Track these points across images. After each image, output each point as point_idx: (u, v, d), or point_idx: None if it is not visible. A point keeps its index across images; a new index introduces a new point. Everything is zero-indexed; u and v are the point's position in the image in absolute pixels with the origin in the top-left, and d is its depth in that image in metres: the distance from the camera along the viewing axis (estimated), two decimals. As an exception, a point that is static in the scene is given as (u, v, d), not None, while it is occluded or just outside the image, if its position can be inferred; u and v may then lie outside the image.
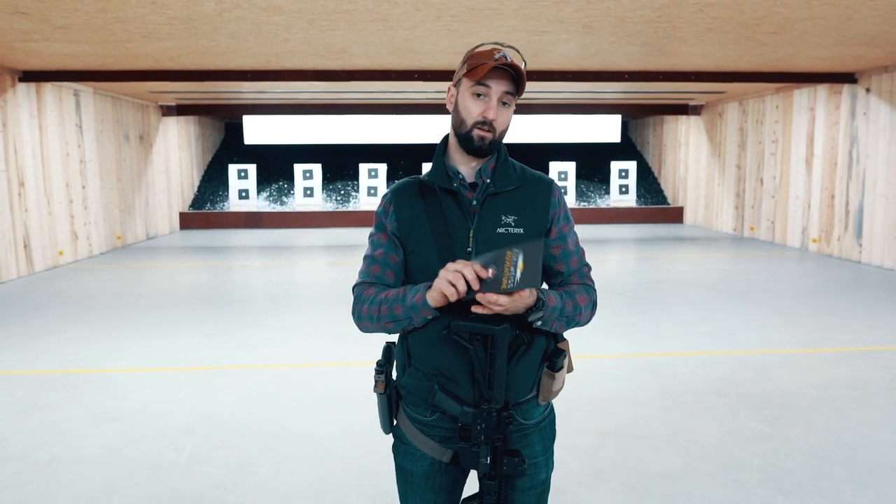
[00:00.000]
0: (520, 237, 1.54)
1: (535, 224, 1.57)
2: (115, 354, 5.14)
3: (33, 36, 6.28)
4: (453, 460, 1.58)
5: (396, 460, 1.66)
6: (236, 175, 14.89)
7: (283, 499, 2.94)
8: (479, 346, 1.45)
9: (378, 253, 1.61)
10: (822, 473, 3.10)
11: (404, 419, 1.63)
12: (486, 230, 1.53)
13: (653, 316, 6.21)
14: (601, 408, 3.94)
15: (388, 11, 5.49)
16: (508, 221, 1.54)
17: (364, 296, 1.58)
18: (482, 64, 1.48)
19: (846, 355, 4.95)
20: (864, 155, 9.16)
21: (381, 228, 1.62)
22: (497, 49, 1.51)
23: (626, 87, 10.91)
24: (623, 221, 15.00)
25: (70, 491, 3.02)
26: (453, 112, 1.58)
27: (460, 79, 1.55)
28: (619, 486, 3.00)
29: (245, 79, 8.74)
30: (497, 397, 1.47)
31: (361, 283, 1.62)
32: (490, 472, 1.48)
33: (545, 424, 1.65)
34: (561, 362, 1.57)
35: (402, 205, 1.59)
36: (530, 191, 1.60)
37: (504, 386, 1.47)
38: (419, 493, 1.62)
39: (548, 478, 1.65)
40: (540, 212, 1.59)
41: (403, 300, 1.50)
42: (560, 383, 1.59)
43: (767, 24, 6.05)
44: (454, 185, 1.56)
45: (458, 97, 1.56)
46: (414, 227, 1.57)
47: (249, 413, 3.92)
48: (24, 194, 8.59)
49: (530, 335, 1.55)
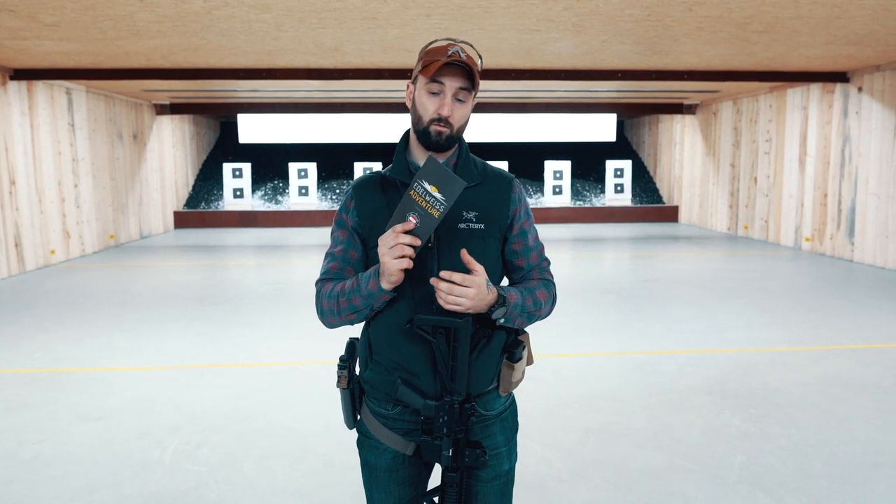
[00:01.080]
0: (481, 232, 1.56)
1: (496, 220, 1.59)
2: (104, 353, 5.13)
3: (22, 34, 6.27)
4: (416, 453, 1.59)
5: (361, 454, 1.67)
6: (231, 174, 14.88)
7: (265, 496, 2.94)
8: (441, 339, 1.47)
9: (338, 250, 1.62)
10: (803, 470, 3.11)
11: (367, 413, 1.64)
12: (448, 225, 1.53)
13: (643, 314, 6.22)
14: (586, 405, 3.95)
15: (377, 9, 5.49)
16: (470, 217, 1.55)
17: (322, 292, 1.59)
18: (435, 61, 1.48)
19: (833, 353, 4.96)
20: (857, 154, 9.18)
21: (342, 225, 1.62)
22: (451, 45, 1.50)
23: (620, 85, 10.92)
24: (618, 220, 15.01)
25: (52, 489, 3.02)
26: (412, 109, 1.58)
27: (416, 76, 1.54)
28: (600, 483, 3.01)
29: (238, 77, 8.73)
30: (459, 390, 1.49)
31: (321, 279, 1.63)
32: (452, 465, 1.49)
33: (506, 415, 1.67)
34: (520, 353, 1.59)
35: (363, 200, 1.60)
36: (491, 187, 1.61)
37: (466, 378, 1.49)
38: (383, 486, 1.63)
39: (511, 468, 1.66)
40: (501, 208, 1.61)
41: (359, 290, 1.51)
42: (519, 374, 1.62)
43: (757, 22, 6.06)
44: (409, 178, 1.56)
45: (416, 94, 1.56)
46: (375, 221, 1.57)
47: (235, 411, 3.92)
48: (15, 193, 8.57)
49: (491, 329, 1.57)
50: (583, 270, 9.06)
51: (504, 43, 6.97)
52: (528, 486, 2.98)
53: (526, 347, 1.63)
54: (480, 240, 1.57)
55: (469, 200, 1.56)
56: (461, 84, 1.50)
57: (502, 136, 15.31)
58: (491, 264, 1.58)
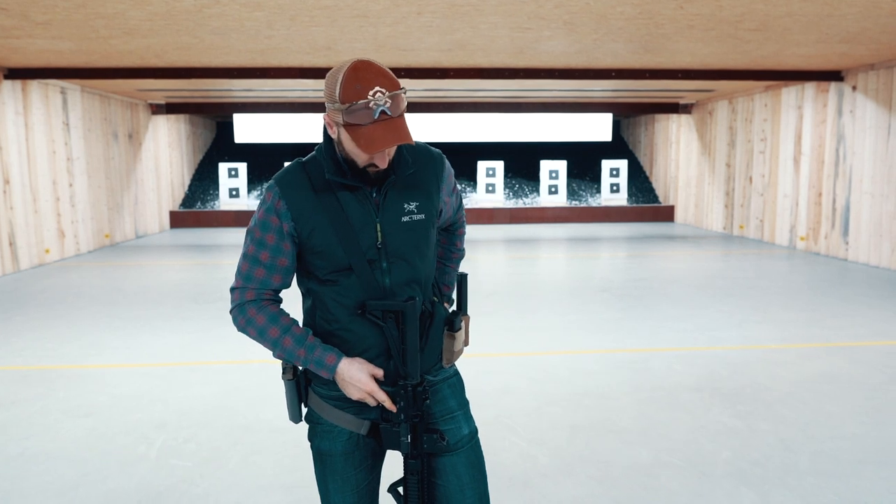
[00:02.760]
0: (423, 222, 1.58)
1: (431, 205, 1.61)
2: (94, 351, 5.13)
3: (14, 32, 6.27)
4: (370, 432, 1.60)
5: (313, 445, 1.65)
6: (227, 174, 14.87)
7: (250, 490, 2.94)
8: (391, 324, 1.50)
9: (263, 255, 1.54)
10: (788, 465, 3.11)
11: (316, 399, 1.62)
12: (391, 222, 1.54)
13: (635, 313, 6.22)
14: (575, 403, 3.95)
15: (368, 7, 5.49)
16: (411, 209, 1.56)
17: (253, 321, 1.55)
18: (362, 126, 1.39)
19: (824, 351, 4.96)
20: (851, 153, 9.19)
21: (268, 228, 1.53)
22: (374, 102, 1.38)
23: (615, 85, 10.92)
24: (614, 220, 15.01)
25: (37, 484, 3.02)
26: (337, 143, 1.51)
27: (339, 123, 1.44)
28: (585, 479, 3.01)
29: (231, 76, 8.73)
30: (412, 373, 1.50)
31: (244, 287, 1.57)
32: (412, 452, 1.50)
33: (454, 381, 1.70)
34: (459, 323, 1.65)
35: (295, 201, 1.52)
36: (424, 170, 1.61)
37: (418, 361, 1.52)
38: (339, 472, 1.61)
39: (473, 434, 1.66)
40: (435, 190, 1.62)
41: (312, 350, 1.52)
42: (460, 344, 1.66)
43: (748, 20, 6.06)
44: (349, 181, 1.51)
45: (341, 137, 1.47)
46: (313, 224, 1.51)
47: (223, 407, 3.91)
48: (9, 192, 8.57)
49: (431, 305, 1.63)
50: (577, 270, 9.07)
51: (496, 41, 6.97)
52: (513, 481, 2.98)
53: (464, 323, 1.68)
54: (424, 230, 1.59)
55: (407, 192, 1.56)
56: None
57: (497, 136, 15.32)
58: (431, 250, 1.64)
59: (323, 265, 1.54)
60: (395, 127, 1.40)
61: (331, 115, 1.46)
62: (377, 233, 1.52)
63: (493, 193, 15.15)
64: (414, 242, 1.56)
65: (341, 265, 1.52)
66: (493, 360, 4.81)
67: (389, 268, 1.54)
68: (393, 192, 1.55)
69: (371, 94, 1.37)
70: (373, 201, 1.54)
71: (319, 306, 1.58)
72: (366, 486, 1.65)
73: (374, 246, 1.52)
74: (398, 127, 1.40)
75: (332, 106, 1.43)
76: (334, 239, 1.50)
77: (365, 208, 1.53)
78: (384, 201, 1.54)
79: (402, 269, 1.55)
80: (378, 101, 1.37)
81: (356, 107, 1.38)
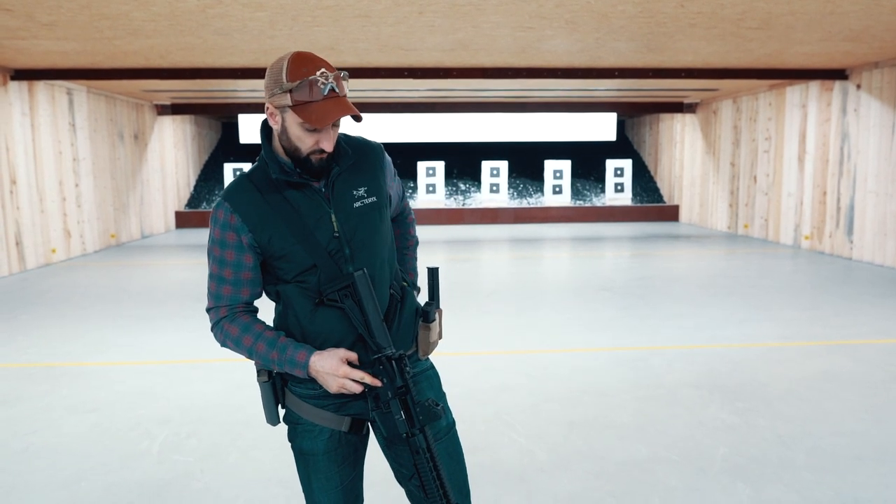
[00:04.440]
0: (374, 204, 1.61)
1: (380, 188, 1.65)
2: (99, 348, 5.18)
3: (20, 33, 6.33)
4: (352, 428, 1.62)
5: (294, 445, 1.66)
6: (232, 174, 14.94)
7: (249, 484, 2.97)
8: (349, 302, 1.51)
9: (227, 273, 1.57)
10: (785, 461, 3.12)
11: (295, 400, 1.62)
12: (345, 209, 1.57)
13: (636, 311, 6.23)
14: (573, 400, 3.96)
15: (370, 7, 5.52)
16: (361, 194, 1.60)
17: (228, 333, 1.59)
18: (311, 103, 1.43)
19: (825, 349, 4.96)
20: (855, 151, 9.16)
21: (226, 245, 1.55)
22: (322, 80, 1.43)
23: (619, 84, 10.92)
24: (618, 220, 15.00)
25: (40, 478, 3.06)
26: (280, 134, 1.52)
27: (284, 106, 1.46)
28: (582, 474, 3.02)
29: (236, 77, 8.78)
30: (382, 344, 1.52)
31: (216, 307, 1.60)
32: (410, 430, 1.49)
33: (430, 373, 1.74)
34: (433, 315, 1.68)
35: (248, 212, 1.53)
36: (366, 159, 1.65)
37: (384, 330, 1.53)
38: (322, 470, 1.62)
39: (451, 426, 1.69)
40: (379, 175, 1.66)
41: (284, 350, 1.53)
42: (435, 335, 1.70)
43: (750, 18, 6.06)
44: (295, 179, 1.53)
45: (286, 124, 1.48)
46: (270, 231, 1.53)
47: (224, 403, 3.95)
48: (15, 192, 8.64)
49: (401, 290, 1.66)
50: (579, 269, 9.07)
51: (498, 41, 6.99)
52: (509, 476, 3.00)
53: (438, 315, 1.71)
54: (377, 212, 1.62)
55: (354, 179, 1.60)
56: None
57: (501, 136, 15.33)
58: (388, 232, 1.66)
59: (288, 268, 1.56)
60: (342, 103, 1.45)
61: (274, 101, 1.47)
62: (332, 223, 1.55)
63: (497, 193, 15.17)
64: (370, 225, 1.59)
65: (305, 265, 1.54)
66: (492, 357, 4.82)
67: (352, 254, 1.56)
68: (339, 182, 1.58)
69: (318, 73, 1.43)
70: (322, 195, 1.57)
71: (289, 306, 1.60)
72: (349, 482, 1.66)
73: (332, 237, 1.54)
74: (345, 103, 1.46)
75: (278, 90, 1.45)
76: (293, 240, 1.53)
77: (316, 202, 1.55)
78: (333, 192, 1.57)
79: (363, 254, 1.57)
80: (325, 80, 1.43)
81: (304, 83, 1.43)
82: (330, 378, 1.50)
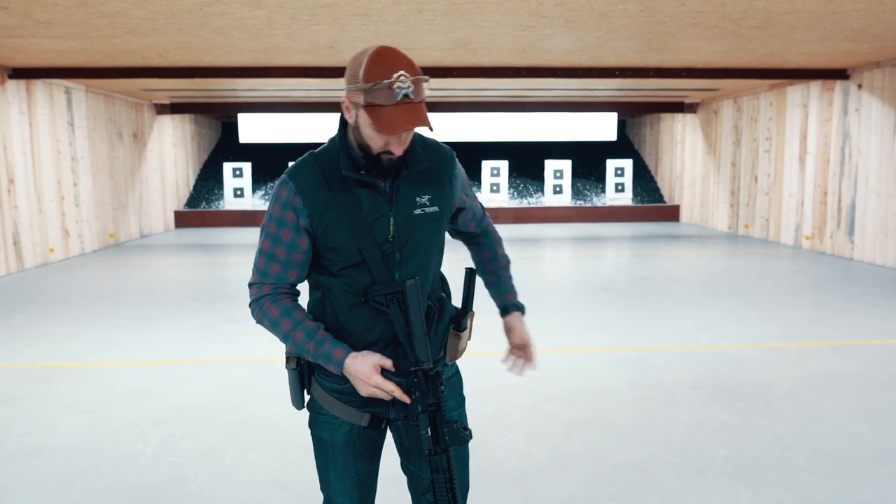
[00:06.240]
0: (435, 215, 1.58)
1: (446, 199, 1.62)
2: (96, 348, 5.15)
3: (17, 31, 6.30)
4: (371, 423, 1.62)
5: (314, 433, 1.67)
6: (231, 173, 14.91)
7: (244, 487, 2.94)
8: (395, 308, 1.48)
9: (279, 251, 1.55)
10: (785, 463, 3.09)
11: (319, 391, 1.64)
12: (404, 214, 1.55)
13: (636, 312, 6.20)
14: (573, 400, 3.93)
15: (369, 6, 5.49)
16: (423, 201, 1.57)
17: (268, 313, 1.57)
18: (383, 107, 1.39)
19: (825, 349, 4.93)
20: (857, 151, 9.13)
21: (284, 224, 1.53)
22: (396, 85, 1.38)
23: (620, 84, 10.89)
24: (619, 220, 14.97)
25: (34, 479, 3.03)
26: (354, 129, 1.50)
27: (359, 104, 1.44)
28: (581, 475, 2.99)
29: (234, 75, 8.75)
30: (422, 356, 1.47)
31: (261, 283, 1.59)
32: (435, 448, 1.46)
33: (455, 381, 1.72)
34: (465, 323, 1.65)
35: (310, 196, 1.52)
36: (436, 166, 1.62)
37: (426, 344, 1.48)
38: (340, 461, 1.64)
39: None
40: (447, 185, 1.63)
41: (321, 343, 1.51)
42: (464, 343, 1.68)
43: (751, 18, 6.03)
44: (363, 175, 1.52)
45: (359, 121, 1.47)
46: (328, 220, 1.52)
47: (221, 404, 3.92)
48: (13, 191, 8.61)
49: (439, 302, 1.64)
50: (579, 269, 9.05)
51: (498, 40, 6.96)
52: (509, 478, 2.98)
53: (470, 321, 1.68)
54: (436, 223, 1.60)
55: (420, 185, 1.58)
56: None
57: (502, 136, 15.30)
58: (441, 241, 1.65)
59: (337, 259, 1.54)
60: (415, 111, 1.41)
61: (351, 96, 1.45)
62: (389, 226, 1.53)
63: (497, 193, 15.14)
64: (426, 234, 1.57)
65: (355, 260, 1.53)
66: (491, 357, 4.78)
67: (402, 260, 1.55)
68: (405, 186, 1.56)
69: (395, 75, 1.38)
70: (386, 196, 1.54)
71: (329, 298, 1.58)
72: (365, 474, 1.67)
73: (386, 239, 1.53)
74: (418, 111, 1.41)
75: (354, 86, 1.42)
76: (348, 234, 1.51)
77: (378, 202, 1.53)
78: (396, 195, 1.55)
79: (413, 261, 1.55)
80: (402, 84, 1.38)
81: (380, 86, 1.39)
82: (361, 384, 1.48)
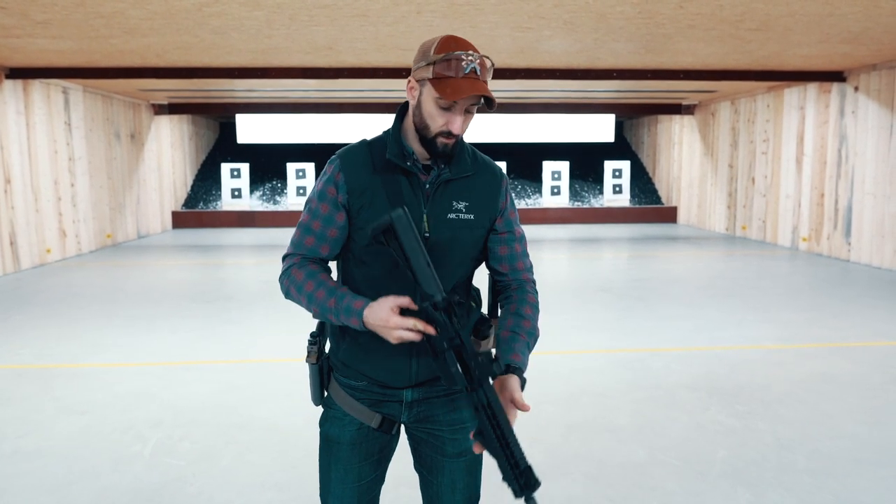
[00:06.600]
0: (470, 222, 1.57)
1: (485, 212, 1.60)
2: (93, 350, 5.13)
3: (15, 31, 6.28)
4: (381, 426, 1.61)
5: (322, 430, 1.66)
6: (229, 174, 14.89)
7: (243, 489, 2.93)
8: (394, 244, 1.44)
9: (316, 224, 1.58)
10: (785, 465, 3.09)
11: (335, 386, 1.65)
12: (439, 214, 1.54)
13: (635, 313, 6.20)
14: (571, 402, 3.93)
15: (367, 6, 5.49)
16: (459, 207, 1.56)
17: (294, 278, 1.57)
18: (450, 78, 1.43)
19: (823, 351, 4.93)
20: (853, 153, 9.15)
21: (324, 198, 1.56)
22: (465, 58, 1.44)
23: (618, 85, 10.90)
24: (617, 221, 14.98)
25: (30, 481, 3.01)
26: (415, 109, 1.52)
27: (424, 80, 1.48)
28: (580, 478, 2.99)
29: (233, 76, 8.73)
30: (429, 291, 1.40)
31: (293, 254, 1.61)
32: (467, 385, 1.37)
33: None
34: (486, 331, 1.61)
35: (353, 174, 1.55)
36: (482, 179, 1.61)
37: (431, 276, 1.41)
38: (344, 460, 1.61)
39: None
40: (490, 201, 1.61)
41: (342, 298, 1.49)
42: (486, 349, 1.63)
43: (749, 20, 6.04)
44: (408, 165, 1.54)
45: (422, 98, 1.50)
46: (365, 200, 1.54)
47: (219, 406, 3.91)
48: (10, 191, 8.58)
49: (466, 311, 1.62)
50: (578, 270, 9.05)
51: (497, 41, 6.96)
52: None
53: (493, 328, 1.64)
54: (469, 230, 1.58)
55: (460, 191, 1.57)
56: (474, 101, 1.48)
57: (500, 137, 15.29)
58: (475, 253, 1.62)
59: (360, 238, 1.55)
60: (479, 85, 1.44)
61: (417, 74, 1.49)
62: (424, 223, 1.53)
63: (494, 194, 15.12)
64: (455, 240, 1.56)
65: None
66: (490, 359, 4.78)
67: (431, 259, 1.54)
68: (444, 188, 1.56)
69: (465, 52, 1.44)
70: (424, 193, 1.55)
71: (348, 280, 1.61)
72: (368, 481, 1.64)
73: (422, 235, 1.52)
74: (482, 86, 1.45)
75: (423, 62, 1.47)
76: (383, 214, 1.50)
77: (417, 197, 1.54)
78: (434, 193, 1.55)
79: (439, 264, 1.51)
80: (472, 59, 1.44)
81: (451, 56, 1.43)
82: (383, 329, 1.42)
